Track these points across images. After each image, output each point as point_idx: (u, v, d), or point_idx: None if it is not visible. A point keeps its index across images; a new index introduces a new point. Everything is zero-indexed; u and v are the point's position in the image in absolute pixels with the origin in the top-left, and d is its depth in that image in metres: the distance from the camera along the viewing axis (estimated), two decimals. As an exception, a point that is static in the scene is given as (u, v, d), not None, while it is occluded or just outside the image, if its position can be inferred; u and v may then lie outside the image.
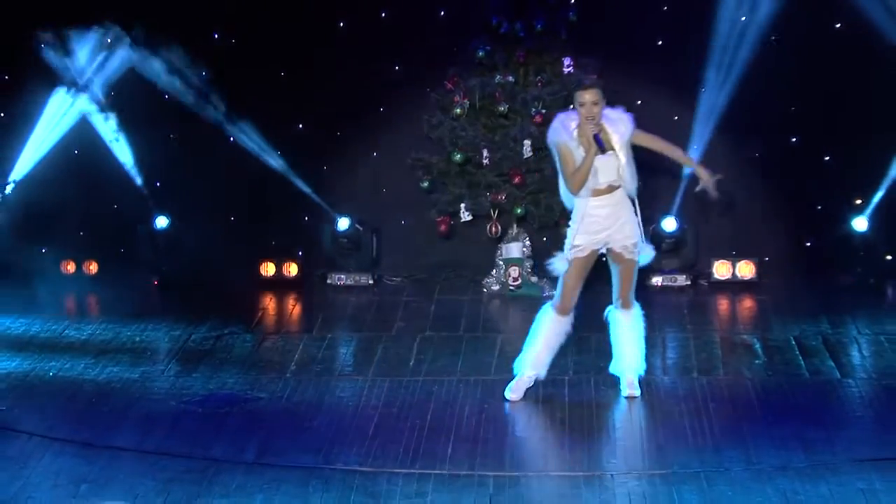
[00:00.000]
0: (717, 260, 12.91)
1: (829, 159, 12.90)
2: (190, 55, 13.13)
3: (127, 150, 13.58)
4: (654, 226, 12.42)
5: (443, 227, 12.64)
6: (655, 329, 9.22)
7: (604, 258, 8.80)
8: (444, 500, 7.04)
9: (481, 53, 12.57)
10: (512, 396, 8.91)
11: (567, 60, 12.43)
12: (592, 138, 8.46)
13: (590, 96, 8.47)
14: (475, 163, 12.60)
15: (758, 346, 10.40)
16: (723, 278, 12.89)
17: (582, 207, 8.66)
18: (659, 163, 9.24)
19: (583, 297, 8.89)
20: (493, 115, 12.59)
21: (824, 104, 12.45)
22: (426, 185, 12.74)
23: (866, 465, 7.37)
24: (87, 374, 10.05)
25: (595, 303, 9.09)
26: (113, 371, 10.10)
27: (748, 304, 12.24)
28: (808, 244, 13.14)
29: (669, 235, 12.66)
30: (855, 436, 8.10)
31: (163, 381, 9.81)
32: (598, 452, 7.98)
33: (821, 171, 12.91)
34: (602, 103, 8.52)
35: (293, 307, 12.60)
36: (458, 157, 12.51)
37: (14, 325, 11.75)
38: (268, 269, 13.52)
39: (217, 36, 13.59)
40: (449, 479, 7.36)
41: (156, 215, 13.70)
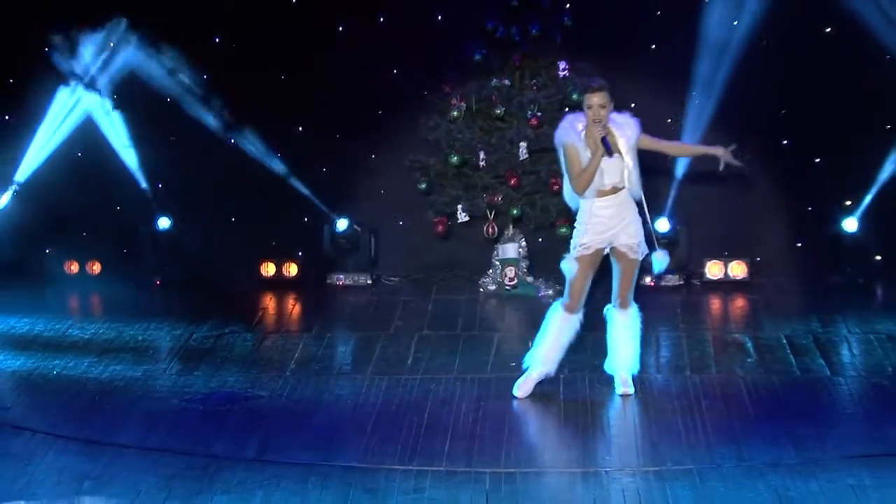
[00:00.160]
0: (710, 260, 12.92)
1: (819, 161, 12.91)
2: (191, 59, 13.13)
3: (130, 152, 13.57)
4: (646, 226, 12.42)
5: (440, 228, 12.65)
6: (649, 328, 9.22)
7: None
8: (441, 496, 7.03)
9: (478, 57, 12.59)
10: (520, 394, 8.92)
11: (562, 64, 12.46)
12: (600, 141, 8.47)
13: (597, 99, 8.48)
14: (472, 165, 12.61)
15: (749, 344, 10.40)
16: (715, 278, 12.89)
17: (588, 208, 8.66)
18: (651, 163, 9.23)
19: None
20: (489, 118, 12.60)
21: (815, 107, 12.44)
22: (423, 186, 12.75)
23: (856, 461, 7.38)
24: (91, 372, 10.05)
25: (589, 302, 9.07)
26: (116, 369, 10.09)
27: (740, 303, 12.24)
28: (799, 245, 13.15)
29: (662, 236, 12.63)
30: (845, 433, 8.11)
31: (165, 380, 9.80)
32: (593, 449, 7.97)
33: (811, 172, 12.92)
34: (609, 106, 8.52)
35: (293, 307, 12.59)
36: (455, 159, 12.52)
37: (18, 324, 11.74)
38: (268, 269, 13.52)
39: (218, 40, 13.58)
40: (446, 476, 7.35)
41: (158, 216, 13.70)
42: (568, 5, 12.57)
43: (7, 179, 13.61)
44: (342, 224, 13.23)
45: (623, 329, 8.89)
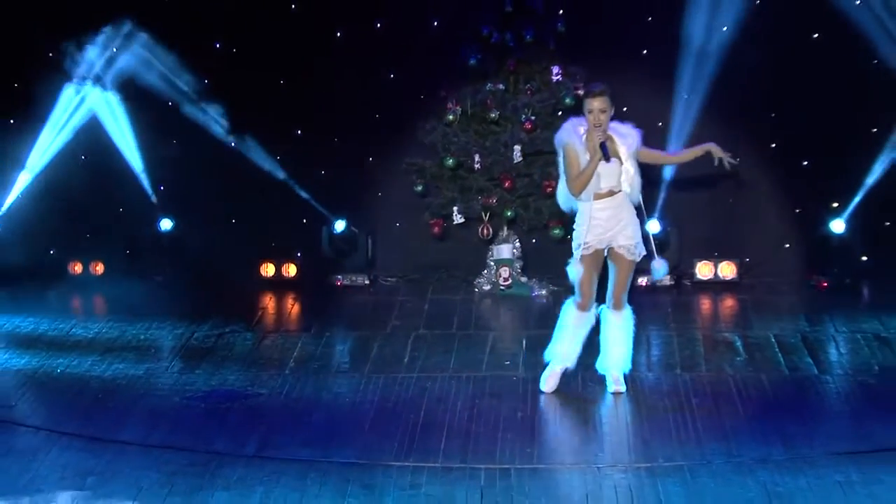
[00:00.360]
0: (700, 261, 12.92)
1: (807, 164, 12.91)
2: (192, 63, 13.12)
3: (132, 154, 13.56)
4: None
5: (436, 230, 12.65)
6: (640, 327, 9.21)
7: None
8: (437, 491, 7.03)
9: (473, 62, 12.59)
10: (546, 388, 8.93)
11: (555, 69, 12.47)
12: (598, 146, 8.47)
13: (598, 103, 8.47)
14: (467, 167, 12.61)
15: (739, 343, 10.40)
16: (705, 278, 12.89)
17: (586, 210, 8.66)
18: (641, 166, 9.20)
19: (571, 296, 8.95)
20: (484, 122, 12.61)
21: (802, 111, 12.44)
22: (420, 188, 12.75)
23: (843, 458, 7.37)
24: (94, 370, 10.04)
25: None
26: (118, 368, 10.08)
27: (730, 303, 12.24)
28: (788, 246, 13.15)
29: (653, 237, 12.60)
30: (832, 430, 8.12)
31: (167, 378, 9.79)
32: (586, 446, 7.99)
33: (799, 175, 12.92)
34: (610, 110, 8.52)
35: (292, 306, 12.59)
36: (451, 161, 12.53)
37: (23, 323, 11.73)
38: (268, 269, 13.52)
39: (218, 45, 13.57)
40: (442, 472, 7.35)
41: (160, 218, 13.70)
42: (561, 11, 12.57)
43: (11, 182, 13.60)
44: (340, 226, 13.22)
45: (616, 329, 8.88)
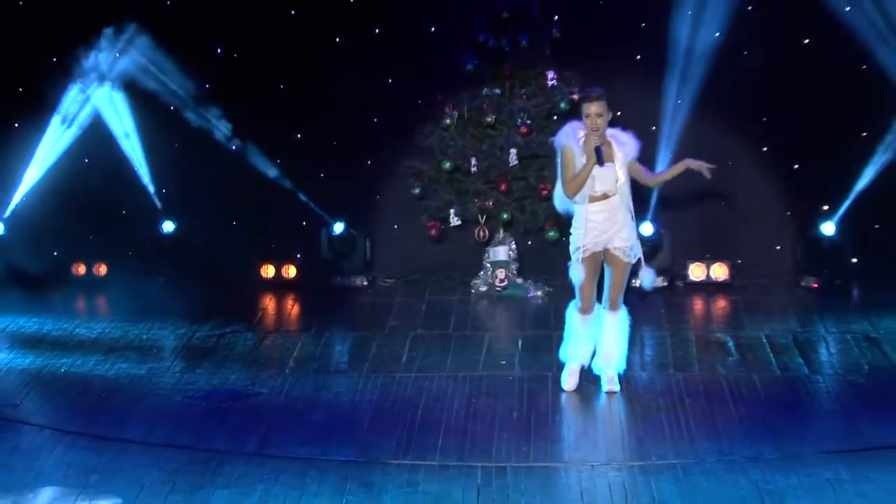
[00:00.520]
0: (693, 262, 12.93)
1: (798, 168, 12.91)
2: (194, 68, 13.11)
3: (136, 157, 13.56)
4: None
5: (433, 232, 12.65)
6: (635, 328, 9.22)
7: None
8: (434, 489, 7.03)
9: (469, 67, 12.59)
10: (567, 387, 8.96)
11: (550, 74, 12.47)
12: (594, 150, 8.47)
13: (595, 108, 8.47)
14: (464, 171, 12.61)
15: (731, 343, 10.40)
16: (698, 280, 12.89)
17: (582, 213, 8.67)
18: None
19: (566, 297, 8.94)
20: (480, 126, 12.61)
21: (794, 116, 12.45)
22: (417, 191, 12.75)
23: (833, 456, 7.38)
24: (97, 370, 10.04)
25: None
26: (121, 367, 10.08)
27: (722, 304, 12.25)
28: (779, 248, 13.16)
29: (647, 240, 12.63)
30: (823, 429, 8.13)
31: (169, 377, 9.79)
32: (580, 444, 7.98)
33: (790, 178, 12.94)
34: (607, 115, 8.52)
35: (292, 307, 12.58)
36: (448, 165, 12.53)
37: (28, 323, 11.73)
38: (268, 271, 13.52)
39: (219, 50, 13.57)
40: (439, 470, 7.36)
41: (162, 220, 13.70)
42: (556, 17, 12.57)
43: (16, 185, 13.60)
44: (339, 228, 13.22)
45: (612, 329, 8.88)
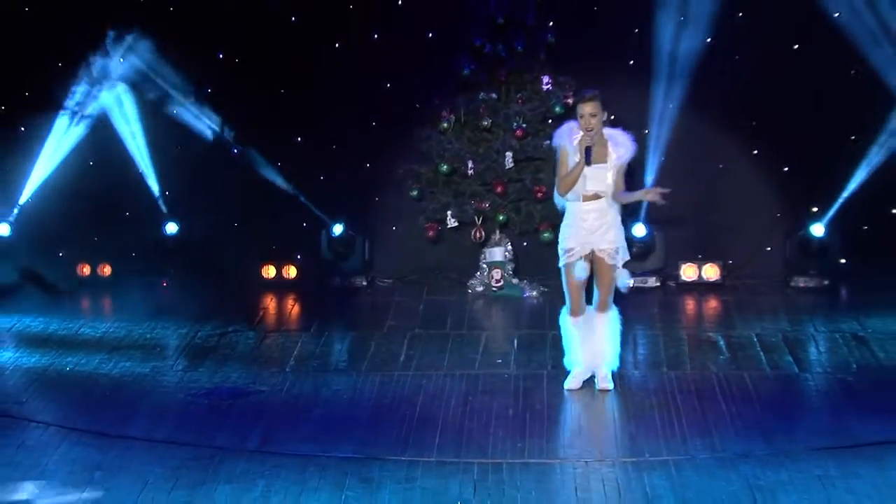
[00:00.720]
0: (685, 263, 12.91)
1: (788, 170, 12.91)
2: (196, 73, 13.12)
3: (139, 160, 13.56)
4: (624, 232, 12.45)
5: (431, 233, 12.64)
6: (628, 327, 9.22)
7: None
8: (431, 485, 7.04)
9: (466, 72, 12.59)
10: (570, 387, 8.91)
11: (546, 79, 12.47)
12: (584, 150, 8.47)
13: (589, 108, 8.48)
14: (461, 173, 12.61)
15: (722, 342, 10.40)
16: (690, 280, 12.88)
17: (572, 211, 8.70)
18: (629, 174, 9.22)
19: (561, 297, 8.96)
20: (477, 130, 12.61)
21: (784, 119, 12.46)
22: (415, 193, 12.75)
23: (823, 452, 7.39)
24: (102, 368, 10.03)
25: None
26: (125, 366, 10.08)
27: (713, 303, 12.24)
28: (769, 249, 13.16)
29: (639, 241, 12.66)
30: (812, 426, 8.13)
31: (171, 376, 9.79)
32: (574, 441, 7.99)
33: (780, 181, 12.94)
34: (601, 115, 8.52)
35: (292, 307, 12.58)
36: (445, 167, 12.52)
37: (34, 323, 11.72)
38: (269, 271, 13.50)
39: (221, 56, 13.57)
40: (436, 466, 7.36)
41: (166, 222, 13.70)
42: (551, 24, 12.57)
43: (22, 187, 13.59)
44: (338, 229, 13.21)
45: (603, 330, 8.86)
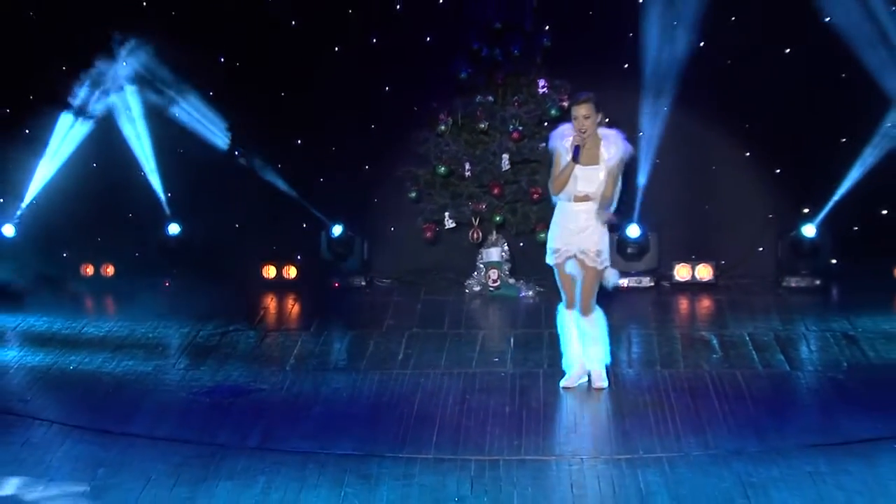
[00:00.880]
0: (678, 263, 12.91)
1: (780, 172, 12.93)
2: (197, 76, 13.12)
3: (142, 162, 13.56)
4: (619, 233, 12.46)
5: (428, 234, 12.64)
6: (622, 326, 9.22)
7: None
8: (429, 481, 7.04)
9: (464, 76, 12.60)
10: (565, 385, 8.93)
11: (542, 82, 12.47)
12: (573, 148, 8.50)
13: (582, 110, 8.50)
14: (458, 175, 12.62)
15: (715, 341, 10.40)
16: (683, 280, 12.88)
17: (561, 209, 8.74)
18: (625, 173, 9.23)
19: (557, 297, 8.96)
20: (474, 132, 12.62)
21: (775, 121, 12.48)
22: (413, 195, 12.75)
23: (813, 449, 7.40)
24: (105, 367, 10.03)
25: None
26: (128, 364, 10.08)
27: (706, 303, 12.25)
28: (761, 249, 13.17)
29: (634, 241, 12.67)
30: (803, 423, 8.13)
31: (174, 374, 9.79)
32: (570, 438, 7.98)
33: (772, 182, 12.96)
34: (595, 117, 8.53)
35: (292, 306, 12.58)
36: (443, 169, 12.53)
37: (38, 322, 11.72)
38: (269, 271, 13.50)
39: (222, 59, 13.56)
40: (434, 463, 7.36)
41: (168, 223, 13.69)
42: (547, 28, 12.58)
43: (26, 188, 13.59)
44: (338, 230, 13.21)
45: (590, 331, 8.81)
